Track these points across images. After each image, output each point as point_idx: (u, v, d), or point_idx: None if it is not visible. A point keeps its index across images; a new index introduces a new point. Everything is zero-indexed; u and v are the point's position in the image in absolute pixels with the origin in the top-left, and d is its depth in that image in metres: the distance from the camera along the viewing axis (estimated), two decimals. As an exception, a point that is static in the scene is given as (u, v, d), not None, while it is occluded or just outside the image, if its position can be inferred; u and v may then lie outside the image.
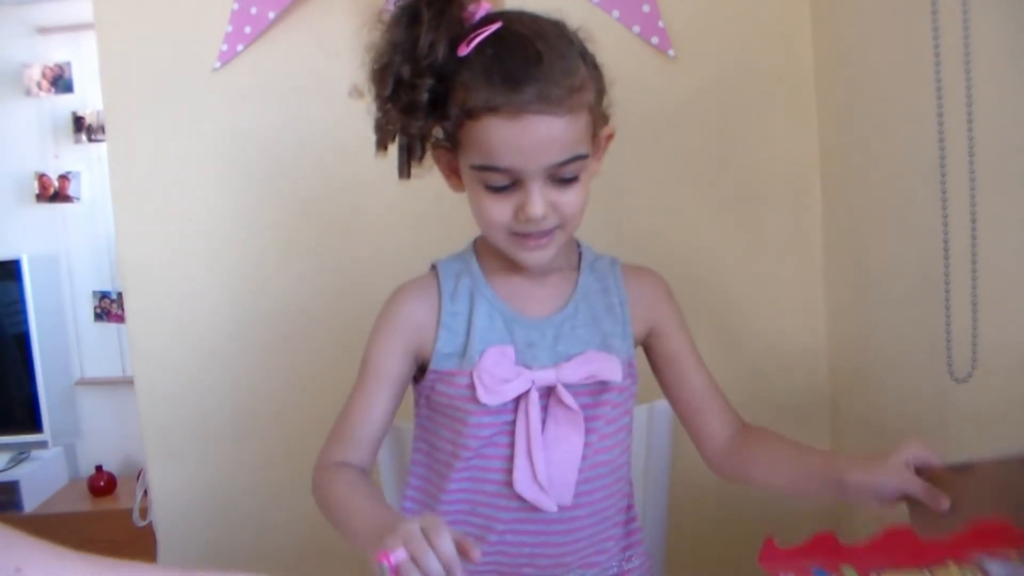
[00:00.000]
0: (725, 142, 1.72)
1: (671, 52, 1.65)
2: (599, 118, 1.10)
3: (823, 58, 1.67)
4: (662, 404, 1.37)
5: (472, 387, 1.12)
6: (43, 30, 3.30)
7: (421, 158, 1.11)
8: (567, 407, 1.13)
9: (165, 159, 1.74)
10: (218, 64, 1.70)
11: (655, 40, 1.64)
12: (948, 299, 1.24)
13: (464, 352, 1.14)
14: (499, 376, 1.12)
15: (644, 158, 1.70)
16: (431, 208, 1.62)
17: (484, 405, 1.12)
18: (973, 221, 1.18)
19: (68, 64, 3.27)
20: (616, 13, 1.64)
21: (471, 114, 1.02)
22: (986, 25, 1.13)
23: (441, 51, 1.03)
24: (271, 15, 1.66)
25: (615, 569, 1.24)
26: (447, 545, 0.85)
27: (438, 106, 1.05)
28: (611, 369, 1.15)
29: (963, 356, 1.23)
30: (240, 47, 1.68)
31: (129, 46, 1.72)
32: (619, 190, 1.69)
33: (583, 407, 1.15)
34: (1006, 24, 1.11)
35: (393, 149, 1.10)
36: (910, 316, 1.42)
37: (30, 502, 3.16)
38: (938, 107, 1.21)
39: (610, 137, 1.15)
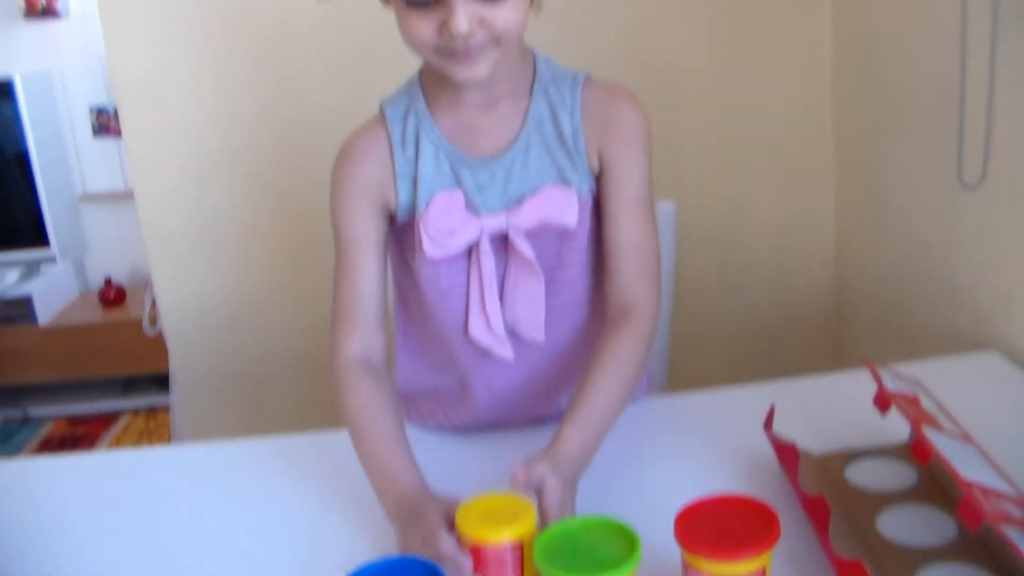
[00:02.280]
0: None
1: None
2: None
3: None
4: (665, 206, 1.37)
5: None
6: None
7: None
8: (523, 254, 1.10)
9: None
10: None
11: None
12: (963, 105, 1.23)
13: (414, 200, 1.11)
14: (445, 227, 1.08)
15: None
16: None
17: (433, 257, 1.09)
18: (994, 24, 1.17)
19: None
20: None
21: None
22: None
23: None
24: None
25: None
26: (448, 548, 0.87)
27: None
28: (566, 209, 1.09)
29: (974, 162, 1.24)
30: None
31: None
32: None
33: (544, 251, 1.11)
34: None
35: None
36: (921, 122, 1.44)
37: (44, 315, 3.26)
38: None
39: None
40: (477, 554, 0.86)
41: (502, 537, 0.86)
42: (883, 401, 0.94)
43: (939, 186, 1.39)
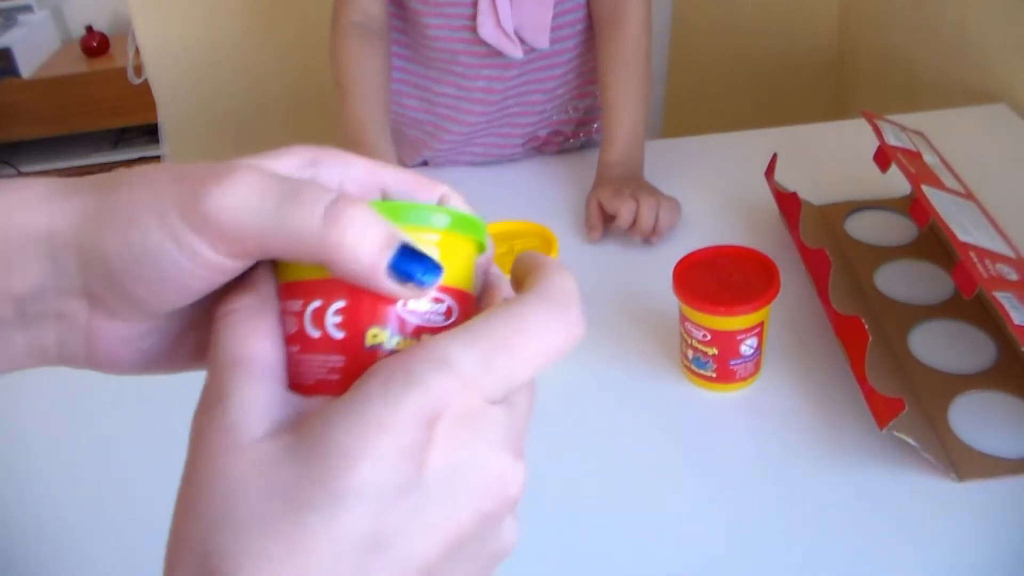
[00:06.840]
0: None
1: None
2: None
3: None
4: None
5: None
6: None
7: None
8: None
9: None
10: None
11: None
12: None
13: None
14: None
15: None
16: None
17: None
18: None
19: None
20: None
21: None
22: None
23: None
24: None
25: None
26: None
27: None
28: None
29: None
30: None
31: None
32: None
33: None
34: None
35: None
36: None
37: (27, 68, 3.16)
38: None
39: None
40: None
41: None
42: (883, 158, 0.92)
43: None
